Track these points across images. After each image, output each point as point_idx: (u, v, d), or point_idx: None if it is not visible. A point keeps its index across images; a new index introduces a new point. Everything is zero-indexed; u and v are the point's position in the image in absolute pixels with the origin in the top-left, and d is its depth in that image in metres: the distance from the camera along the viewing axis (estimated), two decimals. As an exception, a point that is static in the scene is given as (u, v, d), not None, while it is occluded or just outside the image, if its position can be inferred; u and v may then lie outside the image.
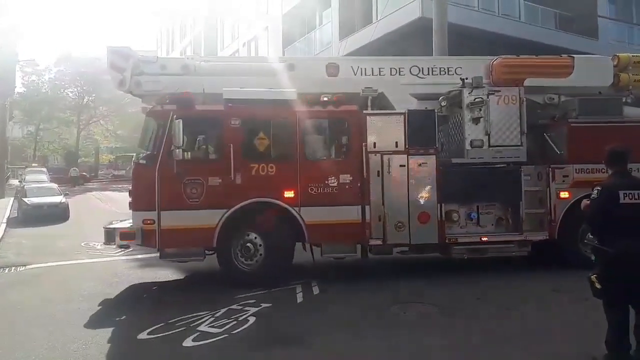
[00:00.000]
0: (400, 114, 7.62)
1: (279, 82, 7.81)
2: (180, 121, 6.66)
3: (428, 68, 8.86)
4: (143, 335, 5.42)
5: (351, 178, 7.36)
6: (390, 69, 8.76)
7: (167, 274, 8.70)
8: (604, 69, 9.19)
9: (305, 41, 23.83)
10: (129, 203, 7.26)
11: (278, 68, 7.94)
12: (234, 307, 6.34)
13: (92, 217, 17.95)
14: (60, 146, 47.88)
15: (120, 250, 11.13)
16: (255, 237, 7.30)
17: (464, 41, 12.01)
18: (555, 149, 8.39)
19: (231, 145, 7.03)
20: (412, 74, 8.78)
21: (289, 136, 7.30)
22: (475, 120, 8.06)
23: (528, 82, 8.68)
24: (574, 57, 9.28)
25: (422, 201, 7.61)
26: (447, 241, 7.76)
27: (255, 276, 7.20)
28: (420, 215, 7.54)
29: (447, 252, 7.96)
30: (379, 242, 7.52)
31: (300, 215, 7.24)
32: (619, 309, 4.00)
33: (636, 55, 9.55)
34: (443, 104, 8.08)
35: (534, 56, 9.46)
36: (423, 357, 4.88)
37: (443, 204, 7.67)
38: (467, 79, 8.27)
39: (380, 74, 8.70)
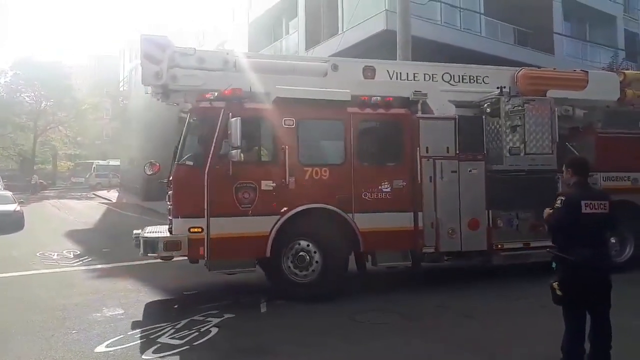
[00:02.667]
0: (451, 118, 7.40)
1: (322, 83, 7.14)
2: (239, 119, 5.89)
3: (459, 75, 8.75)
4: (101, 349, 5.19)
5: (404, 183, 7.06)
6: (424, 74, 8.56)
7: (125, 284, 8.35)
8: (612, 84, 9.56)
9: (272, 50, 23.28)
10: (169, 209, 6.24)
11: (322, 68, 7.28)
12: (196, 317, 6.12)
13: (49, 226, 17.29)
14: (15, 152, 44.11)
15: (78, 260, 11.04)
16: (309, 245, 6.85)
17: (427, 54, 12.06)
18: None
19: (286, 147, 6.30)
20: (444, 80, 8.63)
21: (343, 139, 6.95)
22: (513, 128, 7.93)
23: (549, 93, 8.56)
24: (587, 72, 9.47)
25: (472, 207, 7.28)
26: (494, 247, 7.42)
27: (312, 288, 6.76)
28: (470, 221, 7.36)
29: (488, 260, 7.79)
30: (432, 249, 7.07)
31: (354, 222, 6.53)
32: (577, 316, 4.13)
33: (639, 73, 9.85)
34: (488, 110, 7.73)
35: (552, 69, 9.46)
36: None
37: (491, 211, 7.30)
38: (504, 87, 8.01)
39: (414, 79, 8.24)
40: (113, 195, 32.80)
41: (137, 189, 29.88)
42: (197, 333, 5.57)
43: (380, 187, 7.09)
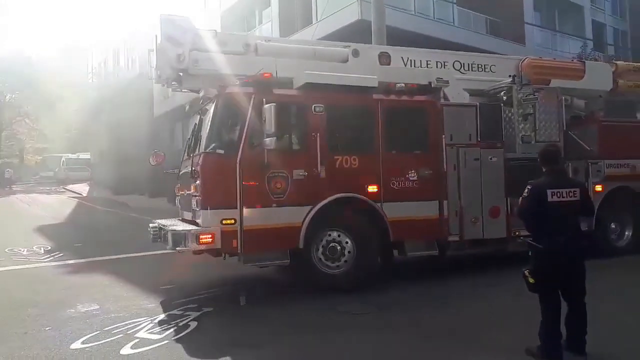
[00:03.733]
0: (473, 106, 7.47)
1: (343, 69, 6.92)
2: (274, 105, 5.57)
3: (469, 64, 8.84)
4: (77, 345, 5.03)
5: (431, 172, 7.06)
6: (437, 62, 8.51)
7: (100, 280, 8.15)
8: (606, 75, 9.88)
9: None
10: (196, 201, 5.85)
11: (344, 54, 7.05)
12: (174, 312, 5.99)
13: (17, 221, 16.74)
14: None
15: (49, 255, 10.64)
16: (339, 236, 6.74)
17: (401, 44, 12.06)
18: (585, 146, 8.55)
19: (318, 134, 6.07)
20: (455, 68, 8.67)
21: (371, 126, 6.93)
22: (525, 117, 8.05)
23: (552, 82, 8.66)
24: (584, 62, 9.65)
25: (492, 195, 7.32)
26: (512, 235, 7.46)
27: (345, 279, 6.64)
28: (491, 209, 7.36)
29: (504, 246, 7.80)
30: (457, 237, 7.08)
31: (383, 211, 6.40)
32: (551, 302, 4.19)
33: (630, 64, 10.19)
34: (504, 99, 7.73)
35: (553, 59, 9.60)
36: (379, 354, 4.86)
37: (509, 198, 7.31)
38: (515, 76, 8.04)
39: (427, 66, 8.13)
40: (84, 189, 31.19)
41: (108, 183, 28.63)
42: (175, 327, 5.45)
43: (407, 176, 7.02)
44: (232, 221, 6.08)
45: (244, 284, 7.29)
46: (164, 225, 6.67)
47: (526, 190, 4.34)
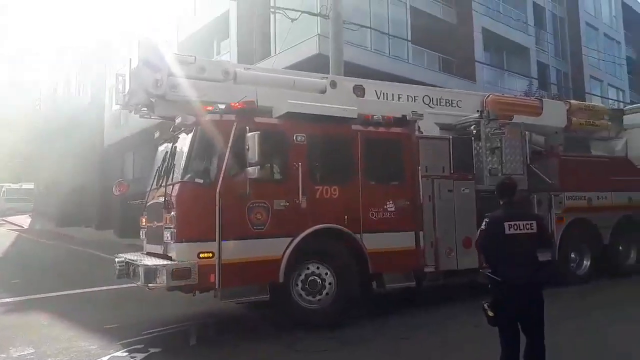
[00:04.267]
0: (446, 139, 7.67)
1: (321, 100, 6.96)
2: (258, 134, 5.45)
3: (437, 99, 9.12)
4: None
5: (408, 203, 7.16)
6: (407, 96, 8.71)
7: (38, 319, 7.68)
8: (561, 112, 10.49)
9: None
10: (171, 233, 5.60)
11: (322, 85, 7.10)
12: (118, 354, 5.68)
13: None
14: None
15: None
16: (319, 268, 6.57)
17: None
18: (546, 179, 8.92)
19: (299, 164, 5.99)
20: (424, 102, 8.85)
21: (351, 157, 7.01)
22: (493, 150, 8.32)
23: (515, 118, 9.07)
24: (542, 99, 10.16)
25: (465, 226, 7.52)
26: (484, 265, 7.54)
27: (323, 315, 6.46)
28: (464, 240, 7.46)
29: (476, 277, 7.82)
30: (432, 268, 7.17)
31: (363, 243, 6.34)
32: (510, 335, 4.16)
33: (581, 103, 10.84)
34: (474, 132, 7.96)
35: (514, 96, 10.08)
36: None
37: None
38: (483, 111, 8.38)
39: (399, 100, 8.34)
40: (25, 221, 29.23)
41: (52, 215, 26.98)
42: None
43: (386, 207, 7.03)
44: (210, 254, 5.82)
45: (196, 322, 6.99)
46: (132, 260, 6.25)
47: (484, 223, 4.35)
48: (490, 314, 4.13)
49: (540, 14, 27.81)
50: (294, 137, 6.46)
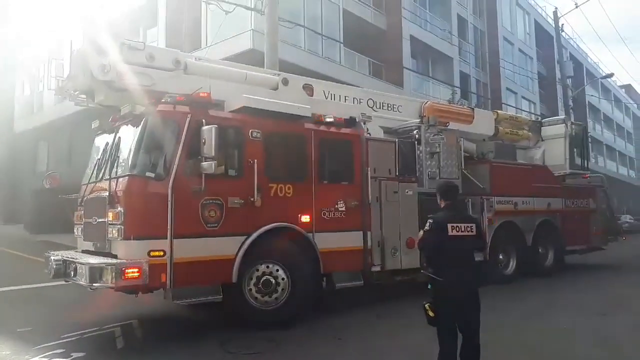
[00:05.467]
0: (392, 141, 7.93)
1: (273, 96, 6.94)
2: (215, 127, 5.33)
3: (380, 103, 9.43)
4: None
5: (357, 203, 7.31)
6: (353, 98, 8.86)
7: None
8: (489, 121, 11.21)
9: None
10: (118, 230, 5.33)
11: (274, 81, 7.06)
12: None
13: None
14: None
15: None
16: (277, 270, 6.53)
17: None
18: (478, 184, 9.47)
19: (254, 160, 5.90)
20: (368, 105, 9.14)
21: (305, 155, 7.07)
22: (432, 155, 8.72)
23: (450, 125, 9.57)
24: (473, 108, 10.76)
25: (408, 227, 7.80)
26: (424, 265, 7.90)
27: (276, 315, 6.46)
28: (408, 240, 7.73)
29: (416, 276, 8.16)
30: (379, 268, 7.39)
31: (314, 242, 6.41)
32: (448, 335, 4.27)
33: (506, 113, 11.64)
34: (416, 137, 8.29)
35: (449, 103, 10.58)
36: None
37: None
38: (424, 116, 8.75)
39: (345, 101, 8.49)
40: None
41: None
42: None
43: (336, 206, 7.07)
44: (161, 253, 5.60)
45: (120, 323, 6.64)
46: (72, 258, 5.79)
47: (428, 224, 4.40)
48: (431, 314, 4.23)
49: (463, 25, 29.58)
50: (250, 133, 6.39)
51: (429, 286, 4.33)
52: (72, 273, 5.81)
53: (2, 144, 24.07)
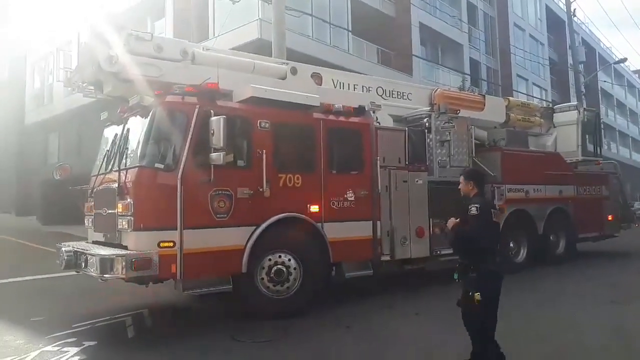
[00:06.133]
0: (402, 130, 7.85)
1: (281, 86, 6.88)
2: (223, 118, 5.29)
3: (389, 90, 9.30)
4: None
5: (366, 192, 7.28)
6: (362, 86, 8.77)
7: None
8: (500, 108, 11.01)
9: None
10: (128, 221, 5.34)
11: (282, 70, 6.99)
12: (48, 348, 5.32)
13: None
14: None
15: None
16: (290, 259, 6.53)
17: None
18: (489, 172, 9.38)
19: (263, 151, 5.87)
20: (377, 94, 9.00)
21: (313, 145, 7.06)
22: (442, 143, 8.59)
23: (461, 113, 9.45)
24: (484, 95, 10.60)
25: (418, 216, 7.72)
26: (434, 254, 7.90)
27: (288, 304, 6.47)
28: (417, 229, 7.68)
29: (425, 265, 8.40)
30: (388, 257, 7.38)
31: (324, 232, 6.39)
32: (490, 321, 4.18)
33: (518, 100, 11.46)
34: (427, 125, 8.20)
35: (460, 90, 10.46)
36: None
37: (432, 219, 7.75)
38: (434, 104, 8.65)
39: (354, 89, 8.42)
40: None
41: None
42: None
43: (345, 196, 7.08)
44: (171, 244, 5.61)
45: (131, 313, 6.71)
46: (83, 249, 5.82)
47: (475, 209, 4.22)
48: (478, 301, 4.03)
49: (473, 12, 29.18)
50: (258, 123, 6.36)
51: (455, 276, 4.22)
52: (83, 264, 5.87)
53: (13, 136, 24.27)
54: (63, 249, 6.24)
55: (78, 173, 7.88)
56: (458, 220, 4.42)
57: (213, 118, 5.68)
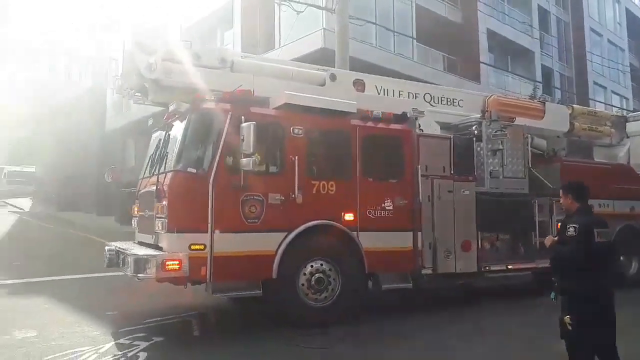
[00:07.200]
0: (447, 138, 7.45)
1: (319, 93, 6.77)
2: (254, 124, 5.21)
3: (438, 97, 8.89)
4: None
5: (406, 202, 6.91)
6: (408, 93, 8.50)
7: (39, 302, 7.68)
8: (563, 116, 10.26)
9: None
10: (162, 223, 5.41)
11: (321, 77, 6.84)
12: (121, 341, 5.64)
13: None
14: None
15: None
16: (329, 268, 6.38)
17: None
18: (548, 184, 8.63)
19: (296, 157, 5.75)
20: (425, 100, 8.64)
21: (349, 152, 6.88)
22: (494, 152, 8.06)
23: (517, 120, 8.79)
24: (544, 102, 9.90)
25: (464, 229, 7.28)
26: (482, 269, 7.32)
27: (330, 312, 6.31)
28: (464, 243, 7.22)
29: (473, 281, 7.96)
30: (430, 271, 6.96)
31: (359, 241, 6.11)
32: (586, 353, 3.84)
33: (584, 108, 10.58)
34: (475, 133, 7.70)
35: (516, 98, 9.82)
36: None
37: (480, 232, 7.20)
38: (485, 111, 8.07)
39: (400, 96, 8.10)
40: (26, 203, 28.93)
41: (52, 199, 26.67)
42: (124, 359, 5.06)
43: (383, 205, 6.83)
44: (202, 247, 5.66)
45: (197, 313, 7.00)
46: (122, 249, 6.02)
47: (571, 229, 3.93)
48: (569, 326, 3.80)
49: (544, 17, 27.66)
50: (291, 130, 6.30)
51: (552, 296, 3.99)
52: (122, 263, 6.06)
53: (95, 141, 25.99)
54: (107, 248, 6.50)
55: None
56: (556, 238, 4.19)
57: (243, 124, 5.67)
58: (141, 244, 6.69)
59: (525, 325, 6.64)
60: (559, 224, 4.20)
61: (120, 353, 5.15)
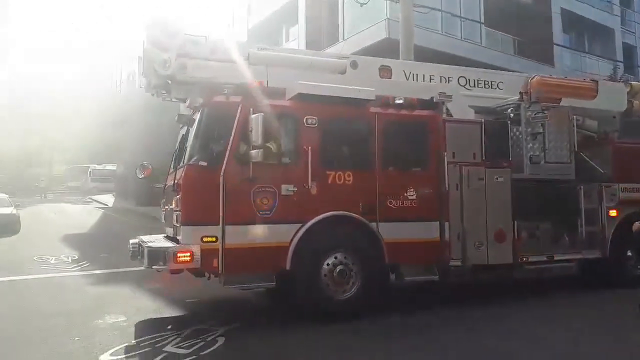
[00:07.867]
0: (477, 122, 6.96)
1: (340, 81, 6.50)
2: (261, 116, 5.09)
3: (474, 80, 8.38)
4: (106, 357, 5.01)
5: (431, 191, 6.48)
6: (441, 77, 8.04)
7: (126, 291, 8.20)
8: (620, 95, 9.37)
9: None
10: (177, 216, 5.37)
11: (341, 65, 6.57)
12: (200, 326, 5.94)
13: (45, 229, 17.31)
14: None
15: (75, 265, 10.72)
16: (350, 260, 6.25)
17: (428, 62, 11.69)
18: (598, 168, 7.87)
19: (309, 148, 5.54)
20: (459, 84, 8.13)
21: (367, 141, 6.66)
22: (534, 136, 7.46)
23: (563, 102, 8.03)
24: (597, 81, 9.03)
25: (498, 218, 6.72)
26: (519, 260, 6.77)
27: (353, 304, 6.21)
28: (497, 233, 6.68)
29: (510, 273, 7.05)
30: (459, 262, 6.51)
31: (379, 232, 5.77)
32: None
33: (647, 85, 9.55)
34: (511, 116, 7.13)
35: (564, 77, 9.04)
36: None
37: (516, 222, 6.65)
38: (524, 93, 7.44)
39: (431, 81, 7.62)
40: (109, 199, 30.99)
41: (132, 194, 28.16)
42: (203, 343, 5.35)
43: (406, 194, 6.55)
44: (213, 239, 5.74)
45: (270, 298, 7.27)
46: (143, 242, 6.15)
47: None
48: None
49: (625, -9, 25.34)
50: (304, 120, 6.21)
51: None
52: (140, 256, 6.23)
53: (170, 137, 26.94)
54: (131, 241, 6.69)
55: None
56: None
57: (252, 116, 5.69)
58: (166, 237, 6.90)
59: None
60: None
61: (200, 337, 5.43)
